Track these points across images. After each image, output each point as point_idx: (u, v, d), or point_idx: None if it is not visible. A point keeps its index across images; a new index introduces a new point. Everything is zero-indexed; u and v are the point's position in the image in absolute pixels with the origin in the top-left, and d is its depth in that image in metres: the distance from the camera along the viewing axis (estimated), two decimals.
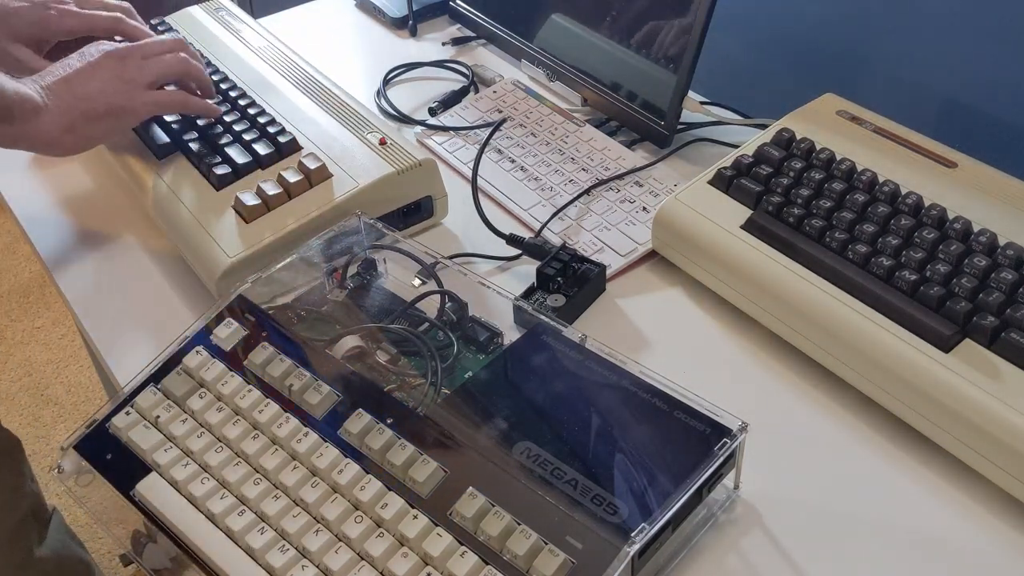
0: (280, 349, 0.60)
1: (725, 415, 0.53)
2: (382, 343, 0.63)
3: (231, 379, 0.59)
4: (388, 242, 0.68)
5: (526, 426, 0.54)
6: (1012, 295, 0.59)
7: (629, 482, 0.50)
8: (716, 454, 0.51)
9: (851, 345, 0.61)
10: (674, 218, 0.71)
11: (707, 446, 0.52)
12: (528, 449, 0.52)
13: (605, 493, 0.50)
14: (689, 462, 0.51)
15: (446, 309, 0.65)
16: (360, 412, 0.56)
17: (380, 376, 0.60)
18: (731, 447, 0.52)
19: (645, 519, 0.48)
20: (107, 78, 0.70)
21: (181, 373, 0.60)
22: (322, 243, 0.68)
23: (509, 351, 0.60)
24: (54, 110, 0.67)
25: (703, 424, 0.53)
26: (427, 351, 0.60)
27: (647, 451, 0.52)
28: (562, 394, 0.56)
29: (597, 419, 0.54)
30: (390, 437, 0.54)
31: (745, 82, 0.99)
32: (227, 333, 0.61)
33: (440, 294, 0.65)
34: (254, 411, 0.57)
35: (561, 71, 0.91)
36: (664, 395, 0.55)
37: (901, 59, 0.87)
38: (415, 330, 0.63)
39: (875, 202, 0.66)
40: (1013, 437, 0.54)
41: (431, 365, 0.60)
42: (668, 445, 0.52)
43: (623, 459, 0.52)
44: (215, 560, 0.52)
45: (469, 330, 0.63)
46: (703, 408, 0.54)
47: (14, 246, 1.98)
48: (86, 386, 1.68)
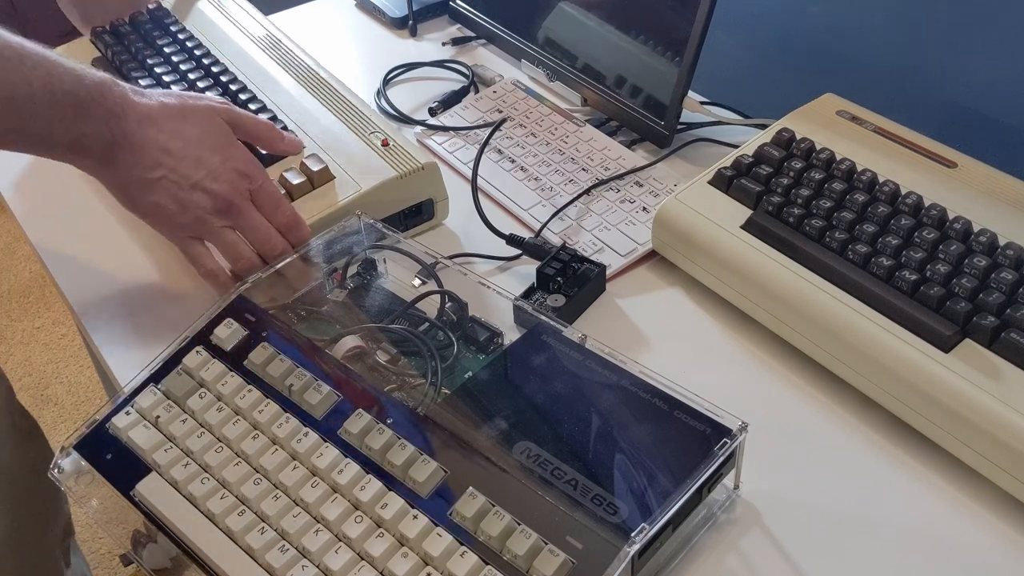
0: (280, 349, 0.60)
1: (725, 415, 0.53)
2: (382, 343, 0.63)
3: (231, 379, 0.59)
4: (388, 242, 0.68)
5: (526, 426, 0.54)
6: (1012, 295, 0.59)
7: (629, 482, 0.50)
8: (716, 454, 0.51)
9: (851, 345, 0.61)
10: (674, 218, 0.71)
11: (707, 446, 0.52)
12: (528, 449, 0.52)
13: (605, 493, 0.50)
14: (689, 462, 0.51)
15: (446, 309, 0.65)
16: (360, 412, 0.56)
17: (380, 376, 0.60)
18: (731, 447, 0.52)
19: (645, 519, 0.48)
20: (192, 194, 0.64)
21: (181, 373, 0.60)
22: (322, 243, 0.68)
23: (509, 351, 0.60)
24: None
25: (703, 424, 0.53)
26: (427, 351, 0.60)
27: (647, 451, 0.52)
28: (562, 394, 0.56)
29: (597, 419, 0.54)
30: (390, 437, 0.54)
31: (745, 82, 0.99)
32: (227, 333, 0.61)
33: (440, 294, 0.65)
34: (254, 411, 0.57)
35: (561, 71, 0.91)
36: (664, 395, 0.55)
37: (901, 59, 0.87)
38: (415, 330, 0.63)
39: (875, 202, 0.66)
40: (1013, 437, 0.54)
41: (431, 365, 0.59)
42: (668, 445, 0.52)
43: (623, 459, 0.52)
44: (215, 560, 0.52)
45: (469, 330, 0.63)
46: (703, 408, 0.53)
47: (14, 246, 1.98)
48: (86, 386, 1.68)
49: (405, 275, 0.68)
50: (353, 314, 0.66)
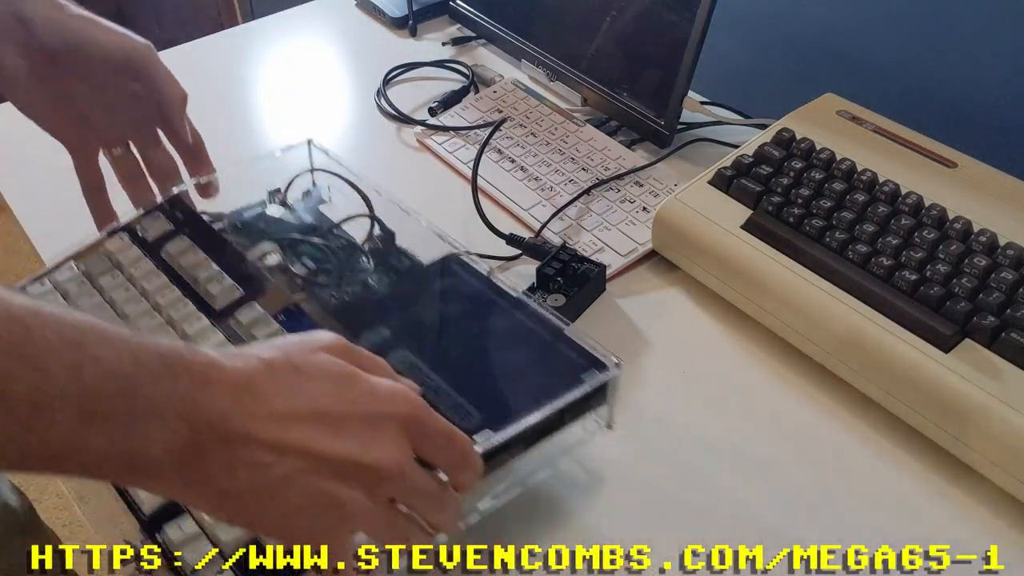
0: (197, 244, 0.62)
1: (607, 355, 0.54)
2: (302, 257, 0.64)
3: (144, 264, 0.61)
4: (330, 167, 0.69)
5: (409, 338, 0.56)
6: (1012, 295, 0.59)
7: (494, 396, 0.52)
8: (583, 382, 0.52)
9: (851, 345, 0.61)
10: (674, 218, 0.71)
11: (577, 376, 0.53)
12: (405, 357, 0.54)
13: (464, 402, 0.51)
14: (556, 388, 0.51)
15: (374, 236, 0.66)
16: (253, 305, 0.58)
17: (288, 282, 0.61)
18: (601, 380, 0.52)
19: (496, 429, 0.49)
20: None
21: (100, 255, 0.63)
22: (269, 163, 0.69)
23: (414, 273, 0.62)
24: None
25: (582, 358, 0.54)
26: (336, 263, 0.62)
27: (520, 374, 0.54)
28: (453, 315, 0.59)
29: (479, 341, 0.56)
30: (276, 331, 0.56)
31: (745, 82, 0.99)
32: (152, 225, 0.64)
33: (370, 219, 0.66)
34: (157, 294, 0.59)
35: (561, 71, 0.91)
36: (554, 328, 0.56)
37: (901, 59, 0.87)
38: (331, 244, 0.64)
39: (875, 202, 0.66)
40: (1013, 437, 0.54)
41: (334, 275, 0.62)
42: (542, 372, 0.54)
43: (495, 376, 0.54)
44: None
45: (393, 258, 0.64)
46: (587, 345, 0.54)
47: (14, 246, 1.98)
48: None
49: (348, 205, 0.68)
50: (282, 228, 0.66)
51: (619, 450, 0.59)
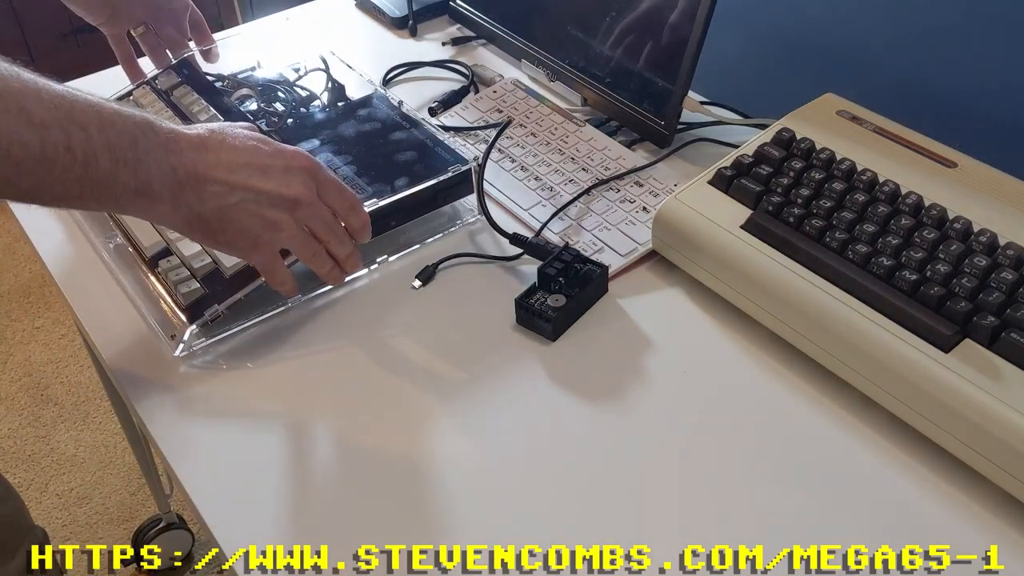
0: (191, 86, 0.85)
1: (471, 156, 0.75)
2: (273, 103, 0.84)
3: (158, 104, 0.84)
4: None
5: (332, 144, 0.78)
6: (1012, 295, 0.59)
7: (383, 180, 0.74)
8: (448, 170, 0.74)
9: (851, 345, 0.61)
10: (674, 218, 0.71)
11: (445, 168, 0.75)
12: (327, 157, 0.76)
13: (363, 183, 0.73)
14: (428, 175, 0.74)
15: (328, 88, 0.86)
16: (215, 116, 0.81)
17: (255, 113, 0.83)
18: (462, 170, 0.75)
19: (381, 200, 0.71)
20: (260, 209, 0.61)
21: (130, 101, 0.85)
22: None
23: (345, 105, 0.84)
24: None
25: (450, 155, 0.76)
26: (294, 102, 0.83)
27: (405, 166, 0.75)
28: (365, 130, 0.80)
29: (383, 147, 0.78)
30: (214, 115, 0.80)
31: (745, 82, 0.99)
32: (166, 77, 0.87)
33: (325, 73, 0.87)
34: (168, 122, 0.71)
35: (561, 71, 0.91)
36: (434, 137, 0.78)
37: (901, 59, 0.87)
38: (296, 96, 0.84)
39: (875, 202, 0.66)
40: (1013, 437, 0.54)
41: (290, 110, 0.83)
42: (422, 166, 0.75)
43: (386, 169, 0.75)
44: None
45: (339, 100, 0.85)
46: (457, 148, 0.77)
47: (14, 246, 1.98)
48: (86, 386, 1.68)
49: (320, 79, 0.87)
50: (260, 81, 0.87)
51: (619, 450, 0.60)
